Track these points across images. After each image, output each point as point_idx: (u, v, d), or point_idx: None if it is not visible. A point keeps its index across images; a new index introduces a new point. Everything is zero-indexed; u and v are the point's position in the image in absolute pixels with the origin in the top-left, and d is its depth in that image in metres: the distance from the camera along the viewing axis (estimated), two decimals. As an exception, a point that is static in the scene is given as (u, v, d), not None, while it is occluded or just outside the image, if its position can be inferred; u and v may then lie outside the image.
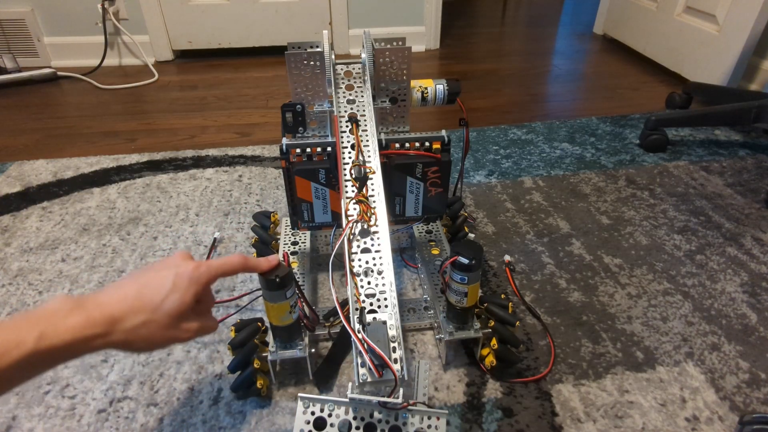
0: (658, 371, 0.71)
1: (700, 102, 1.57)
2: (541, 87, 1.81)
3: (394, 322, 0.57)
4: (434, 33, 2.15)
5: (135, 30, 1.94)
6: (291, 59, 0.73)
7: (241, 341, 0.66)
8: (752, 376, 0.71)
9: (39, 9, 1.86)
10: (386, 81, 0.75)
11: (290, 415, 0.65)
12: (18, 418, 0.66)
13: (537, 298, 0.85)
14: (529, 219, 1.05)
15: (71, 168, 1.24)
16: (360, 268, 0.61)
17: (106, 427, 0.65)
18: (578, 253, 0.95)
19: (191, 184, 1.17)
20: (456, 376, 0.70)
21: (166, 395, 0.69)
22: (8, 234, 1.01)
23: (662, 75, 1.85)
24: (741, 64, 1.54)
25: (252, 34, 2.05)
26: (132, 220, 1.05)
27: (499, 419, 0.65)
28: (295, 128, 0.77)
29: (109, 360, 0.74)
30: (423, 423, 0.55)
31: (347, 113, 0.73)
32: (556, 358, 0.73)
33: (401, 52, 0.73)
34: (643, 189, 1.15)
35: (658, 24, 1.87)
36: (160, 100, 1.69)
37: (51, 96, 1.73)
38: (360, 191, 0.65)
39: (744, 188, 1.15)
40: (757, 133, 1.41)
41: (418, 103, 0.79)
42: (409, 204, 0.77)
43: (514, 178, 1.19)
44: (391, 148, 0.73)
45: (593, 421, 0.65)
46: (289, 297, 0.60)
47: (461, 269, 0.62)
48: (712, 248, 0.96)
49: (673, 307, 0.83)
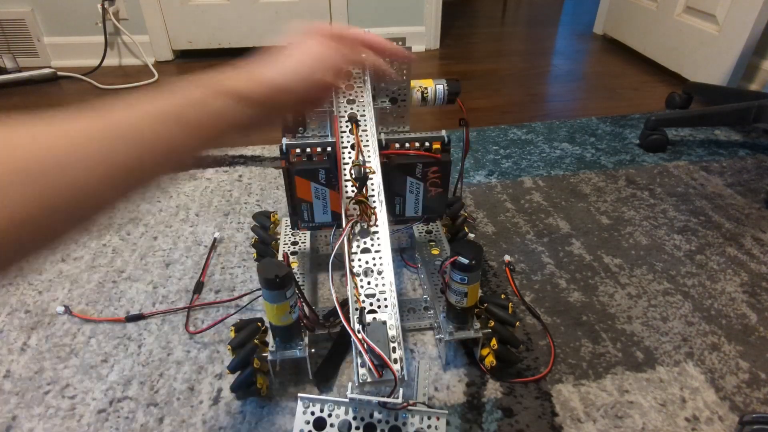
0: (658, 371, 0.71)
1: (700, 102, 1.57)
2: (541, 87, 1.81)
3: (393, 322, 0.57)
4: (434, 33, 2.15)
5: (135, 30, 1.94)
6: (291, 59, 0.73)
7: (241, 341, 0.66)
8: (752, 376, 0.71)
9: (39, 9, 1.86)
10: (386, 81, 0.75)
11: (290, 415, 0.65)
12: (18, 418, 0.66)
13: (537, 298, 0.85)
14: (529, 219, 1.05)
15: (71, 168, 1.24)
16: (360, 268, 0.61)
17: (106, 427, 0.65)
18: (578, 253, 0.95)
19: (191, 184, 1.17)
20: (456, 376, 0.70)
21: (166, 395, 0.69)
22: (8, 234, 1.01)
23: (662, 75, 1.85)
24: (741, 64, 1.54)
25: (252, 34, 2.04)
26: (132, 220, 1.05)
27: (499, 419, 0.65)
28: (295, 128, 0.77)
29: (109, 360, 0.74)
30: (423, 423, 0.55)
31: (347, 113, 0.73)
32: (556, 358, 0.73)
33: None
34: (643, 189, 1.15)
35: (658, 24, 1.87)
36: (160, 100, 1.69)
37: (51, 96, 1.73)
38: (360, 191, 0.65)
39: (744, 188, 1.15)
40: (757, 133, 1.41)
41: (418, 103, 0.79)
42: (409, 204, 0.77)
43: (514, 178, 1.19)
44: (391, 148, 0.73)
45: (593, 421, 0.65)
46: (289, 297, 0.60)
47: (461, 269, 0.62)
48: (712, 248, 0.96)
49: (673, 307, 0.83)
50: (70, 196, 0.31)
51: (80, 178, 0.31)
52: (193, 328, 0.79)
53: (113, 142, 0.33)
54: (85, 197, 0.32)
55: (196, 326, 0.79)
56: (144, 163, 0.35)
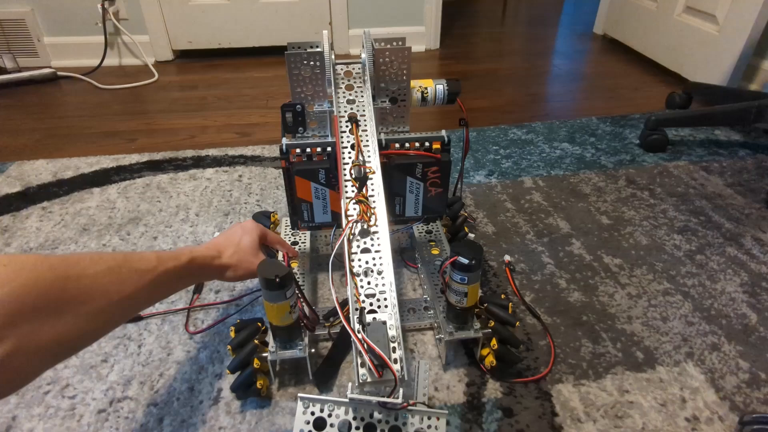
0: (658, 371, 0.71)
1: (700, 102, 1.57)
2: (541, 87, 1.81)
3: (393, 322, 0.57)
4: (434, 33, 2.15)
5: (135, 30, 1.94)
6: (291, 59, 0.73)
7: (241, 342, 0.66)
8: (752, 376, 0.71)
9: (39, 9, 1.86)
10: (386, 81, 0.75)
11: (290, 415, 0.65)
12: (18, 418, 0.66)
13: (537, 298, 0.85)
14: (529, 219, 1.05)
15: (71, 168, 1.24)
16: (360, 268, 0.61)
17: (106, 427, 0.65)
18: (578, 253, 0.95)
19: (191, 184, 1.17)
20: (456, 376, 0.70)
21: (166, 395, 0.69)
22: (8, 234, 1.01)
23: (662, 75, 1.85)
24: (741, 64, 1.54)
25: (252, 34, 2.05)
26: (132, 220, 1.05)
27: (499, 419, 0.65)
28: (295, 128, 0.77)
29: (109, 360, 0.74)
30: (423, 423, 0.55)
31: (347, 113, 0.73)
32: (556, 358, 0.73)
33: (401, 52, 0.73)
34: (643, 189, 1.15)
35: (658, 24, 1.87)
36: (160, 100, 1.69)
37: (51, 96, 1.73)
38: (360, 191, 0.65)
39: (744, 188, 1.15)
40: (757, 133, 1.41)
41: (418, 103, 0.79)
42: (409, 204, 0.77)
43: (514, 178, 1.19)
44: (391, 148, 0.73)
45: (593, 421, 0.65)
46: (289, 297, 0.60)
47: (461, 269, 0.62)
48: (712, 248, 0.96)
49: (673, 307, 0.83)
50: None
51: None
52: (193, 328, 0.79)
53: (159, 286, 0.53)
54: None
55: (196, 326, 0.79)
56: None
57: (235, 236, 0.68)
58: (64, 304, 0.41)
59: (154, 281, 0.51)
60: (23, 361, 0.38)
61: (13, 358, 0.36)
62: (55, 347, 0.40)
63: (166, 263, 0.53)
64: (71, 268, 0.42)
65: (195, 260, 0.59)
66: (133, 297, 0.48)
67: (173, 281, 0.56)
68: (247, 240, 0.68)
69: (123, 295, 0.47)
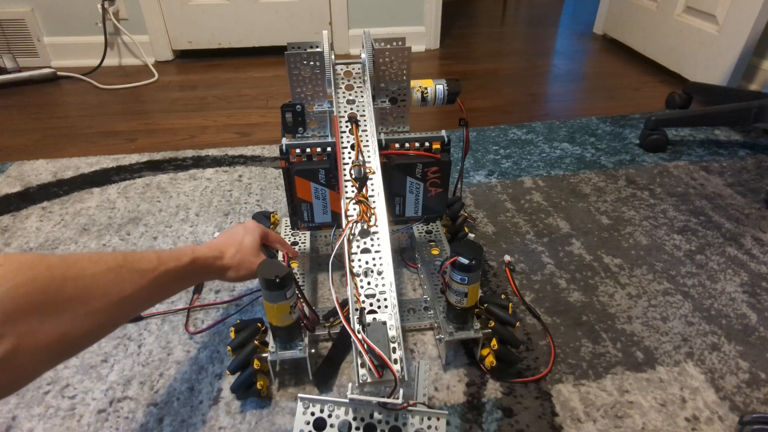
0: (658, 371, 0.71)
1: (700, 102, 1.57)
2: (541, 87, 1.81)
3: (393, 323, 0.57)
4: (434, 33, 2.15)
5: (135, 30, 1.94)
6: (291, 59, 0.73)
7: (241, 342, 0.66)
8: (752, 376, 0.71)
9: (39, 9, 1.86)
10: (386, 81, 0.75)
11: (290, 416, 0.65)
12: (18, 418, 0.66)
13: (537, 298, 0.85)
14: (529, 219, 1.05)
15: (71, 168, 1.24)
16: (360, 269, 0.61)
17: (106, 427, 0.65)
18: (578, 253, 0.95)
19: (191, 184, 1.17)
20: (456, 376, 0.70)
21: (166, 395, 0.69)
22: (8, 234, 1.01)
23: (662, 75, 1.85)
24: (741, 64, 1.54)
25: (252, 34, 2.04)
26: (132, 220, 1.05)
27: (499, 419, 0.65)
28: (295, 128, 0.77)
29: (109, 360, 0.74)
30: (423, 423, 0.55)
31: (347, 113, 0.73)
32: (556, 358, 0.73)
33: (401, 52, 0.73)
34: (643, 189, 1.15)
35: (658, 24, 1.87)
36: (160, 100, 1.69)
37: (51, 96, 1.73)
38: (360, 191, 0.65)
39: (744, 188, 1.15)
40: (757, 133, 1.40)
41: (418, 103, 0.79)
42: (409, 204, 0.77)
43: (514, 178, 1.19)
44: (391, 148, 0.73)
45: (593, 421, 0.65)
46: (289, 297, 0.60)
47: (461, 269, 0.62)
48: (712, 248, 0.96)
49: (673, 307, 0.83)
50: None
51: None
52: (193, 328, 0.79)
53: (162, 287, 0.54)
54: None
55: (196, 326, 0.79)
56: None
57: (236, 236, 0.68)
58: (62, 304, 0.40)
59: (155, 281, 0.51)
60: (23, 360, 0.38)
61: (12, 356, 0.36)
62: (55, 347, 0.40)
63: (167, 263, 0.53)
64: (70, 267, 0.42)
65: (197, 261, 0.58)
66: (134, 297, 0.48)
67: (174, 282, 0.55)
68: (249, 240, 0.68)
69: (123, 295, 0.46)
